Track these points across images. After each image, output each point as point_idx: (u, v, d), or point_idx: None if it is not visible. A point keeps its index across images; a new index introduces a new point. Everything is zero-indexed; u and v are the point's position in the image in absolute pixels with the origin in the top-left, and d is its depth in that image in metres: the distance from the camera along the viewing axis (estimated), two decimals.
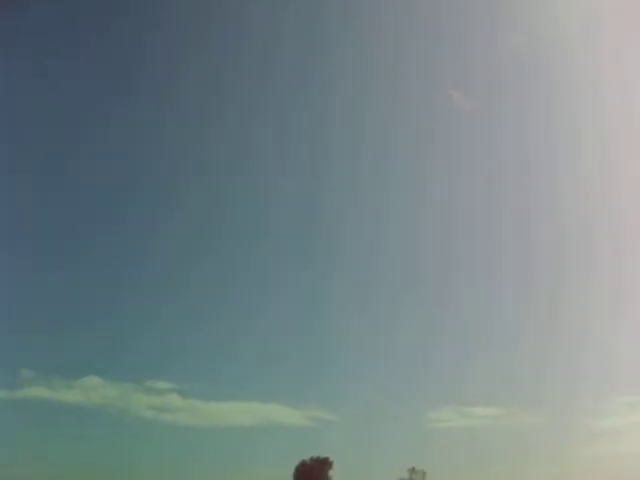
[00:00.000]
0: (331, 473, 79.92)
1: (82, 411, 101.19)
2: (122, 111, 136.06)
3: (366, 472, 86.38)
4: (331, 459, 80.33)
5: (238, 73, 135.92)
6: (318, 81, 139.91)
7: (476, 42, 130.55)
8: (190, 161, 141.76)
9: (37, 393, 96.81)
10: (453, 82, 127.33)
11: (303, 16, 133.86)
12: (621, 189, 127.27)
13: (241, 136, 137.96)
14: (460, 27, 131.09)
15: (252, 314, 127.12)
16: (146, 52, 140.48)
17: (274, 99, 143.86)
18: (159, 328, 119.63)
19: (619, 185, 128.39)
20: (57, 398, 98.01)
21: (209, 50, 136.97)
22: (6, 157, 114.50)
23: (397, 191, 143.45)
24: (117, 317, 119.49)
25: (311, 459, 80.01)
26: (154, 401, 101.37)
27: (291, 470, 79.50)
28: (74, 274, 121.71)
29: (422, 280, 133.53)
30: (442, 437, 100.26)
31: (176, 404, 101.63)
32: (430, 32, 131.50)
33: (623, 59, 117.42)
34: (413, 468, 78.36)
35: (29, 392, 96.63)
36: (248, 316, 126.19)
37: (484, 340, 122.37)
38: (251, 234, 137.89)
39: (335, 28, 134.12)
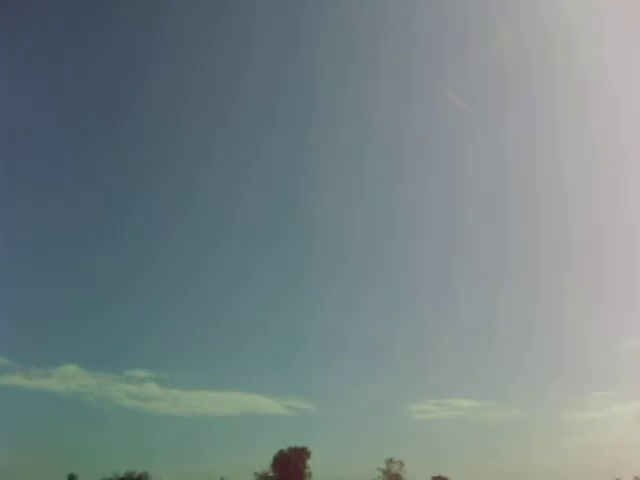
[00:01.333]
0: (309, 462, 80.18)
1: (60, 400, 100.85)
2: (124, 118, 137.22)
3: (344, 462, 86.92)
4: (309, 449, 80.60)
5: (240, 78, 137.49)
6: (319, 88, 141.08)
7: (476, 44, 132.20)
8: (192, 165, 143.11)
9: (13, 381, 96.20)
10: (453, 83, 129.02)
11: (306, 20, 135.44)
12: (624, 185, 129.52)
13: (246, 142, 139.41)
14: (460, 29, 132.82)
15: (231, 305, 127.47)
16: (148, 54, 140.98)
17: (279, 107, 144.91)
18: (138, 317, 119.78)
19: (621, 183, 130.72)
20: (34, 386, 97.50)
21: (212, 58, 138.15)
22: (8, 163, 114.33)
23: (399, 191, 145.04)
24: (95, 306, 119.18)
25: (289, 449, 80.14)
26: (133, 390, 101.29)
27: (270, 459, 79.75)
28: (55, 265, 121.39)
29: (414, 282, 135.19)
30: (421, 428, 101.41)
31: (155, 393, 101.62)
32: (431, 35, 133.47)
33: (624, 58, 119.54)
34: (391, 459, 78.74)
35: (4, 380, 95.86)
36: (227, 307, 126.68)
37: (464, 335, 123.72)
38: (227, 228, 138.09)
39: (336, 35, 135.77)
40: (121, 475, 79.87)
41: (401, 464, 78.41)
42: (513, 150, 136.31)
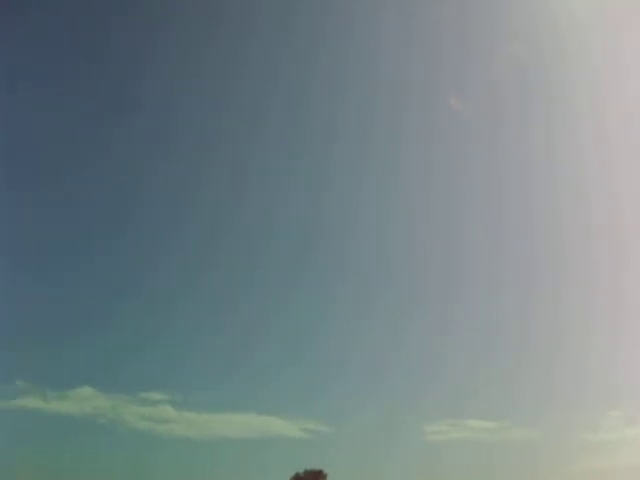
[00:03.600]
0: None
1: (75, 422, 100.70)
2: (124, 123, 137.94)
3: None
4: (325, 472, 79.56)
5: (241, 81, 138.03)
6: (318, 91, 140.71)
7: (476, 49, 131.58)
8: (194, 172, 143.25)
9: (30, 404, 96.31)
10: (453, 89, 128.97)
11: (304, 24, 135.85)
12: (622, 193, 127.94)
13: (245, 148, 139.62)
14: (460, 34, 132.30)
15: (248, 327, 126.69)
16: (149, 56, 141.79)
17: (277, 110, 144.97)
18: (153, 339, 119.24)
19: (620, 189, 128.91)
20: (50, 409, 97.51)
21: (212, 60, 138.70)
22: (6, 167, 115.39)
23: (399, 199, 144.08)
24: (111, 329, 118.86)
25: (305, 472, 79.31)
26: (147, 412, 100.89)
27: None
28: (69, 285, 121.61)
29: (420, 294, 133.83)
30: (437, 450, 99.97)
31: (170, 415, 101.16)
32: (430, 40, 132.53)
33: (622, 65, 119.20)
34: None
35: (22, 402, 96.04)
36: (244, 328, 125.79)
37: (481, 354, 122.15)
38: (251, 249, 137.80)
39: (336, 37, 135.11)
40: None
41: None
42: (511, 155, 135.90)
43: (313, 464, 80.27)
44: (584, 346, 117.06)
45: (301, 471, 79.44)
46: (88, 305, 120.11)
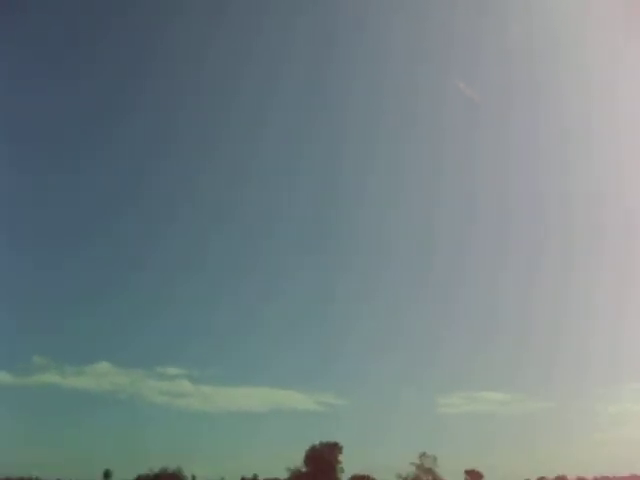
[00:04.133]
0: (341, 458, 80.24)
1: (93, 397, 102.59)
2: (126, 115, 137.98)
3: (376, 457, 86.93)
4: (341, 444, 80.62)
5: (245, 80, 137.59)
6: (332, 78, 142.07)
7: (487, 36, 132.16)
8: (197, 164, 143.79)
9: (48, 379, 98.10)
10: (464, 75, 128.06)
11: (315, 12, 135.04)
12: (630, 180, 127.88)
13: (248, 143, 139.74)
14: (471, 21, 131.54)
15: (263, 300, 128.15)
16: (151, 56, 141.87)
17: (285, 100, 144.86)
18: (169, 314, 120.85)
19: (628, 176, 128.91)
20: (68, 384, 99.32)
21: (213, 60, 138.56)
22: (9, 159, 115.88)
23: (409, 183, 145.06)
24: (127, 304, 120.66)
25: (321, 444, 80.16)
26: (165, 387, 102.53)
27: (302, 454, 79.63)
28: (85, 262, 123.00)
29: (432, 269, 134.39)
30: (451, 422, 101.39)
31: (187, 389, 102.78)
32: (442, 27, 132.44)
33: (632, 52, 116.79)
34: (424, 453, 78.44)
35: (41, 378, 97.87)
36: (259, 302, 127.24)
37: (493, 327, 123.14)
38: (266, 221, 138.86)
39: (348, 25, 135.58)
40: (156, 471, 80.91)
41: (434, 458, 78.16)
42: (520, 140, 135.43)
43: (328, 436, 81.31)
44: (601, 319, 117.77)
45: (317, 443, 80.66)
46: (103, 282, 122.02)
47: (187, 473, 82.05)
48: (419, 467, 78.03)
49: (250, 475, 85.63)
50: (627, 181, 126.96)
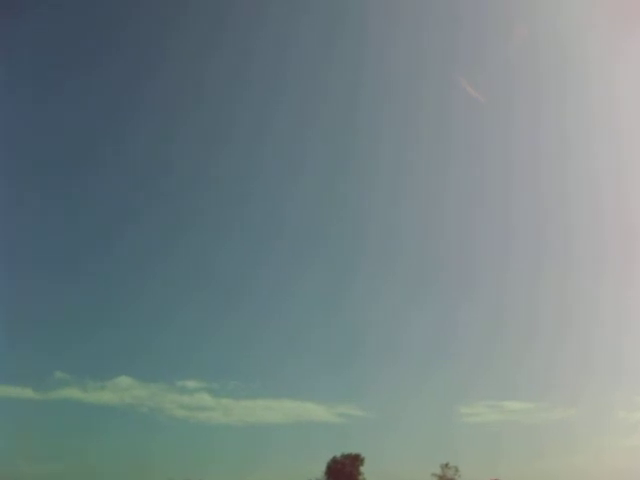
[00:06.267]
0: (362, 469, 79.67)
1: (114, 411, 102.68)
2: (129, 123, 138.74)
3: (398, 468, 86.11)
4: (362, 455, 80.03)
5: (249, 79, 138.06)
6: (334, 76, 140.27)
7: (491, 34, 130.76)
8: (203, 168, 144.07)
9: (70, 394, 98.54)
10: (468, 73, 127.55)
11: (319, 10, 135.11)
12: (633, 176, 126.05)
13: (254, 141, 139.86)
14: (475, 19, 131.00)
15: (280, 314, 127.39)
16: (153, 55, 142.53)
17: (290, 96, 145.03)
18: (188, 328, 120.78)
19: (631, 173, 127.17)
20: (90, 399, 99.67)
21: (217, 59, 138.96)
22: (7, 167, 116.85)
23: (414, 182, 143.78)
24: (147, 318, 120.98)
25: (342, 456, 79.69)
26: (185, 400, 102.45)
27: (323, 467, 79.12)
28: (105, 278, 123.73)
29: (450, 275, 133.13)
30: (473, 432, 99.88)
31: (207, 403, 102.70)
32: (446, 24, 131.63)
33: (635, 52, 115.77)
34: (446, 464, 77.63)
35: (62, 393, 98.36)
36: (276, 315, 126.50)
37: (515, 335, 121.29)
38: (273, 232, 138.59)
39: (352, 23, 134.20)
40: None
41: (456, 469, 77.29)
42: (524, 137, 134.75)
43: (350, 448, 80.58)
44: (623, 327, 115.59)
45: (338, 455, 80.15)
46: (123, 296, 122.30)
47: None
48: (441, 478, 77.21)
49: None
50: (631, 175, 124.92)
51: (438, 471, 77.43)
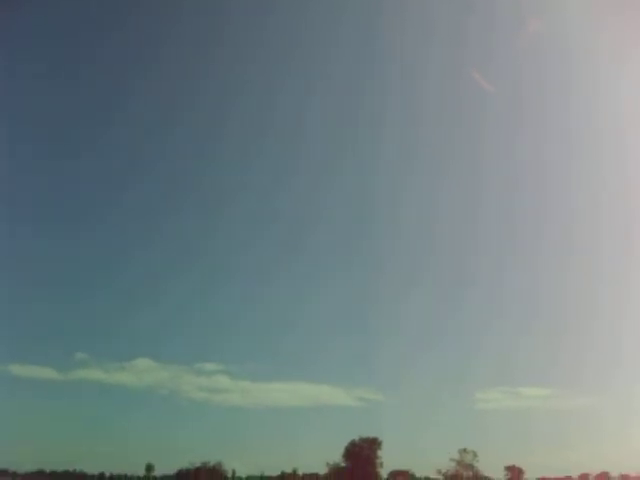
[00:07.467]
0: (380, 453, 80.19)
1: (135, 392, 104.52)
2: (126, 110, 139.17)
3: (416, 452, 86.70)
4: (380, 439, 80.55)
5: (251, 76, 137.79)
6: (339, 70, 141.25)
7: (500, 27, 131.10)
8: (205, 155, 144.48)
9: (91, 375, 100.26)
10: (477, 65, 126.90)
11: (326, 5, 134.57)
12: (635, 170, 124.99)
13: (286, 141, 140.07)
14: (486, 12, 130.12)
15: (302, 296, 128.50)
16: (153, 48, 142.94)
17: (294, 92, 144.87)
18: (208, 311, 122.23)
19: (633, 168, 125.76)
20: (110, 380, 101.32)
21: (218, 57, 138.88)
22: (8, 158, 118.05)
23: (420, 177, 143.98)
24: (167, 301, 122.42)
25: (360, 439, 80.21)
26: (204, 382, 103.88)
27: (341, 450, 80.00)
28: (123, 261, 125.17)
29: (469, 267, 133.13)
30: (490, 417, 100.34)
31: (225, 385, 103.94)
32: (455, 17, 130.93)
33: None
34: (464, 449, 77.82)
35: (83, 374, 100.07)
36: (298, 298, 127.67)
37: (533, 321, 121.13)
38: (301, 222, 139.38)
39: (361, 17, 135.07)
40: (197, 465, 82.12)
41: (474, 454, 77.59)
42: (530, 130, 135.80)
43: (367, 432, 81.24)
44: (637, 315, 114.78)
45: (356, 439, 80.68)
46: (142, 280, 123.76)
47: (227, 467, 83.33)
48: (459, 463, 77.66)
49: (290, 470, 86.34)
50: (634, 169, 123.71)
51: (456, 456, 77.86)
